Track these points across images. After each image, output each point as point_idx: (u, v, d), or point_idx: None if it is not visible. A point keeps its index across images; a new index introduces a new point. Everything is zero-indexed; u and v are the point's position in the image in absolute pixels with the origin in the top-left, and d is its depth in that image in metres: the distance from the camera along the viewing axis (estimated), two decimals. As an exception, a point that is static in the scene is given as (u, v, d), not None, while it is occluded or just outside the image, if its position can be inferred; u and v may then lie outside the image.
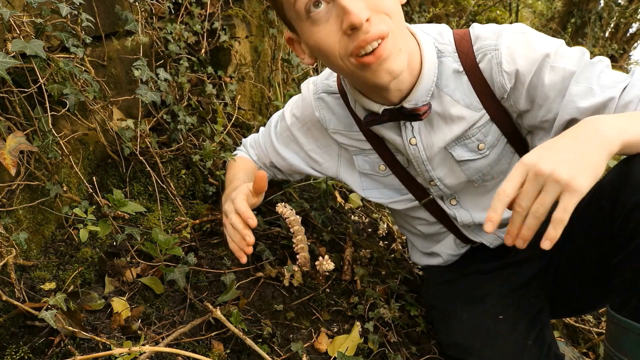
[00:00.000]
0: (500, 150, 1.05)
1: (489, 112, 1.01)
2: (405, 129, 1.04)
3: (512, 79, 0.95)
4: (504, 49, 0.94)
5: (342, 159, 1.22)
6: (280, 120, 1.26)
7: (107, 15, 1.27)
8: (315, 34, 0.87)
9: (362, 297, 1.28)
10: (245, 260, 1.00)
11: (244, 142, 1.38)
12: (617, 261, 0.86)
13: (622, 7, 5.39)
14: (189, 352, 0.89)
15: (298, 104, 1.21)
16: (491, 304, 1.14)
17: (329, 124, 1.16)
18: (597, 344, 1.57)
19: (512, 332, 1.08)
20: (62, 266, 1.02)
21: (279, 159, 1.27)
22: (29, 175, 1.00)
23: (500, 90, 0.97)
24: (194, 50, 1.66)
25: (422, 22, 4.27)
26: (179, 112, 1.39)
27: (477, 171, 1.07)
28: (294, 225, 1.21)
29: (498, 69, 0.95)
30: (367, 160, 1.17)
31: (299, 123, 1.21)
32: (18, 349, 0.84)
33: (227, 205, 1.03)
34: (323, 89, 1.15)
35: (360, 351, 1.14)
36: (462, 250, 1.27)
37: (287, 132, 1.23)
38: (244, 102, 1.86)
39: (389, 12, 0.86)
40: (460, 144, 1.04)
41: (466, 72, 0.99)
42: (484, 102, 1.00)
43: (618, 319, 0.84)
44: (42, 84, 0.98)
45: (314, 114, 1.16)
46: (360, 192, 1.22)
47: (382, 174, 1.17)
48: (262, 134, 1.32)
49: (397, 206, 1.22)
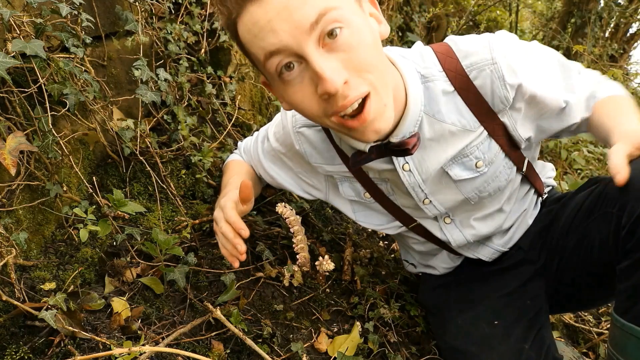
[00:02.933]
0: (497, 166, 1.03)
1: (486, 128, 0.98)
2: (396, 158, 0.99)
3: (514, 91, 0.94)
4: (502, 62, 0.91)
5: (330, 184, 1.18)
6: (265, 139, 1.21)
7: (107, 15, 1.27)
8: (291, 95, 0.80)
9: (362, 297, 1.28)
10: (237, 265, 1.00)
11: (240, 146, 1.35)
12: (623, 267, 0.86)
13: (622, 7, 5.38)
14: (189, 352, 0.89)
15: (279, 130, 1.14)
16: (487, 309, 1.13)
17: (310, 158, 1.11)
18: (597, 344, 1.57)
19: (509, 337, 1.07)
20: (62, 266, 1.02)
21: (268, 176, 1.23)
22: (29, 175, 1.00)
23: (501, 105, 0.95)
24: (194, 50, 1.66)
25: (422, 22, 4.26)
26: (179, 112, 1.38)
27: (474, 189, 1.04)
28: (294, 225, 1.21)
29: (501, 83, 0.92)
30: (352, 187, 1.13)
31: (283, 148, 1.15)
32: (18, 349, 0.84)
33: (216, 212, 1.03)
34: (303, 123, 1.08)
35: (360, 351, 1.14)
36: (457, 262, 1.26)
37: (273, 152, 1.19)
38: (244, 102, 1.86)
39: (368, 68, 0.77)
40: (457, 163, 1.00)
41: (457, 90, 0.94)
42: (480, 119, 0.96)
43: (622, 323, 0.84)
44: (42, 84, 0.98)
45: (294, 146, 1.11)
46: (352, 215, 1.19)
47: (367, 201, 1.14)
48: (252, 144, 1.27)
49: (389, 231, 1.20)
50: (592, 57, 4.25)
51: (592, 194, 1.00)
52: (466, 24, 4.90)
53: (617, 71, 2.19)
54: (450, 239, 1.15)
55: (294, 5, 0.71)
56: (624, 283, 0.86)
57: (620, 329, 0.85)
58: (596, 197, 0.98)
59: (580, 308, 1.33)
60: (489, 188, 1.05)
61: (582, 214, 1.02)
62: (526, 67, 0.94)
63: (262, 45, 0.75)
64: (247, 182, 0.96)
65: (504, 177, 1.05)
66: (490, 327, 1.10)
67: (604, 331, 1.62)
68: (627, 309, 0.84)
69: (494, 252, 1.19)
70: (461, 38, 0.96)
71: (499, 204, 1.10)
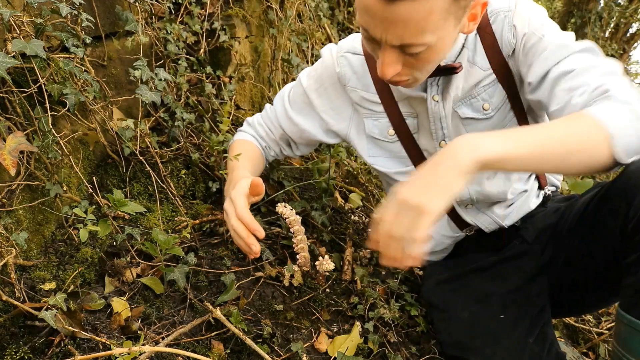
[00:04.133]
0: (504, 114, 1.08)
1: (495, 73, 1.05)
2: (431, 87, 1.07)
3: (518, 38, 1.01)
4: (517, 11, 1.01)
5: (353, 122, 1.24)
6: (294, 87, 1.29)
7: (107, 15, 1.27)
8: (366, 43, 0.94)
9: (362, 297, 1.28)
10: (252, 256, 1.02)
11: (250, 121, 1.37)
12: (629, 262, 0.87)
13: (622, 7, 5.38)
14: (189, 352, 0.89)
15: (316, 67, 1.25)
16: (492, 304, 1.14)
17: (348, 81, 1.19)
18: (597, 344, 1.57)
19: (514, 331, 1.08)
20: (62, 266, 1.02)
21: (291, 125, 1.29)
22: (29, 175, 1.00)
23: (507, 48, 1.03)
24: (193, 50, 1.66)
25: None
26: (177, 109, 1.38)
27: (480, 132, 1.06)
28: (294, 225, 1.21)
29: (508, 28, 1.01)
30: (377, 124, 1.19)
31: (315, 84, 1.24)
32: (18, 349, 0.84)
33: (227, 204, 1.03)
34: (348, 49, 1.19)
35: (360, 351, 1.14)
36: (455, 234, 1.27)
37: (302, 96, 1.26)
38: (244, 102, 1.86)
39: (420, 70, 0.93)
40: (466, 103, 1.08)
41: (478, 30, 1.03)
42: (491, 61, 1.05)
43: (628, 319, 0.84)
44: (42, 84, 0.98)
45: (334, 72, 1.20)
46: (366, 157, 1.24)
47: (390, 139, 1.19)
48: (270, 108, 1.34)
49: (401, 177, 1.22)
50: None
51: (598, 194, 1.02)
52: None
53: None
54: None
55: (394, 22, 0.81)
56: (629, 278, 0.86)
57: (627, 325, 0.85)
58: (603, 195, 0.99)
59: (583, 310, 1.34)
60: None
61: (590, 211, 1.03)
62: (536, 26, 1.00)
63: (362, 18, 0.87)
64: (257, 181, 1.00)
65: (510, 128, 1.08)
66: (496, 322, 1.11)
67: (604, 331, 1.62)
68: (633, 304, 0.84)
69: (491, 222, 1.21)
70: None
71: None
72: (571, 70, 0.91)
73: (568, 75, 0.91)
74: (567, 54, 0.94)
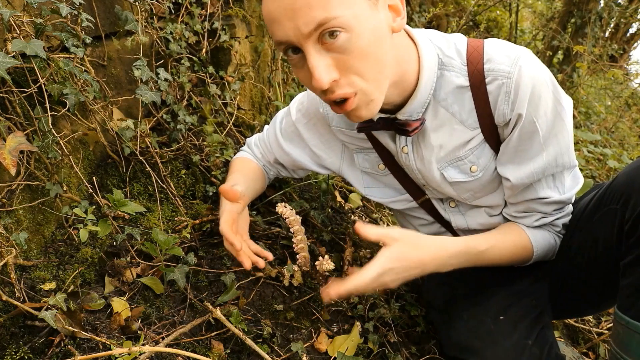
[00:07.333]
0: (492, 172, 1.03)
1: (483, 132, 0.98)
2: (398, 137, 1.05)
3: (513, 116, 0.93)
4: (517, 82, 0.90)
5: (345, 156, 1.24)
6: (285, 116, 1.28)
7: (107, 15, 1.27)
8: (296, 73, 0.90)
9: (362, 297, 1.28)
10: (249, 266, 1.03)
11: (248, 142, 1.38)
12: (626, 262, 0.87)
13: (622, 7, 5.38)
14: (189, 352, 0.89)
15: (304, 100, 1.23)
16: (492, 305, 1.14)
17: (332, 121, 1.18)
18: (597, 344, 1.57)
19: (513, 333, 1.08)
20: (62, 266, 1.02)
21: (283, 154, 1.28)
22: (29, 175, 1.00)
23: (501, 118, 0.95)
24: (195, 50, 1.66)
25: (422, 22, 4.26)
26: (179, 111, 1.39)
27: (467, 190, 1.07)
28: (294, 225, 1.21)
29: (506, 98, 0.92)
30: (367, 158, 1.18)
31: (304, 119, 1.23)
32: (18, 349, 0.84)
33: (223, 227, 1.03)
34: None
35: (360, 351, 1.14)
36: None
37: (292, 127, 1.25)
38: (244, 102, 1.86)
39: (359, 73, 0.82)
40: (452, 165, 1.03)
41: (471, 86, 0.95)
42: (481, 122, 0.97)
43: (626, 320, 0.84)
44: (42, 84, 0.98)
45: (319, 110, 1.18)
46: (362, 189, 1.24)
47: (382, 173, 1.19)
48: (266, 131, 1.34)
49: (397, 206, 1.23)
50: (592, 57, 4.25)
51: (596, 196, 1.02)
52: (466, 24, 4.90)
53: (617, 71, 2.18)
54: (451, 220, 1.17)
55: (298, 8, 0.76)
56: (627, 279, 0.86)
57: (625, 326, 0.85)
58: (600, 197, 0.99)
59: (584, 312, 1.34)
60: (484, 190, 1.07)
61: (587, 213, 1.03)
62: (534, 109, 0.92)
63: (273, 33, 0.83)
64: (225, 187, 1.03)
65: (498, 181, 1.05)
66: (495, 323, 1.11)
67: (604, 331, 1.62)
68: (630, 305, 0.84)
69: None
70: (497, 42, 0.96)
71: (501, 199, 1.10)
72: (545, 198, 1.03)
73: (540, 200, 1.03)
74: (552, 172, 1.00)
